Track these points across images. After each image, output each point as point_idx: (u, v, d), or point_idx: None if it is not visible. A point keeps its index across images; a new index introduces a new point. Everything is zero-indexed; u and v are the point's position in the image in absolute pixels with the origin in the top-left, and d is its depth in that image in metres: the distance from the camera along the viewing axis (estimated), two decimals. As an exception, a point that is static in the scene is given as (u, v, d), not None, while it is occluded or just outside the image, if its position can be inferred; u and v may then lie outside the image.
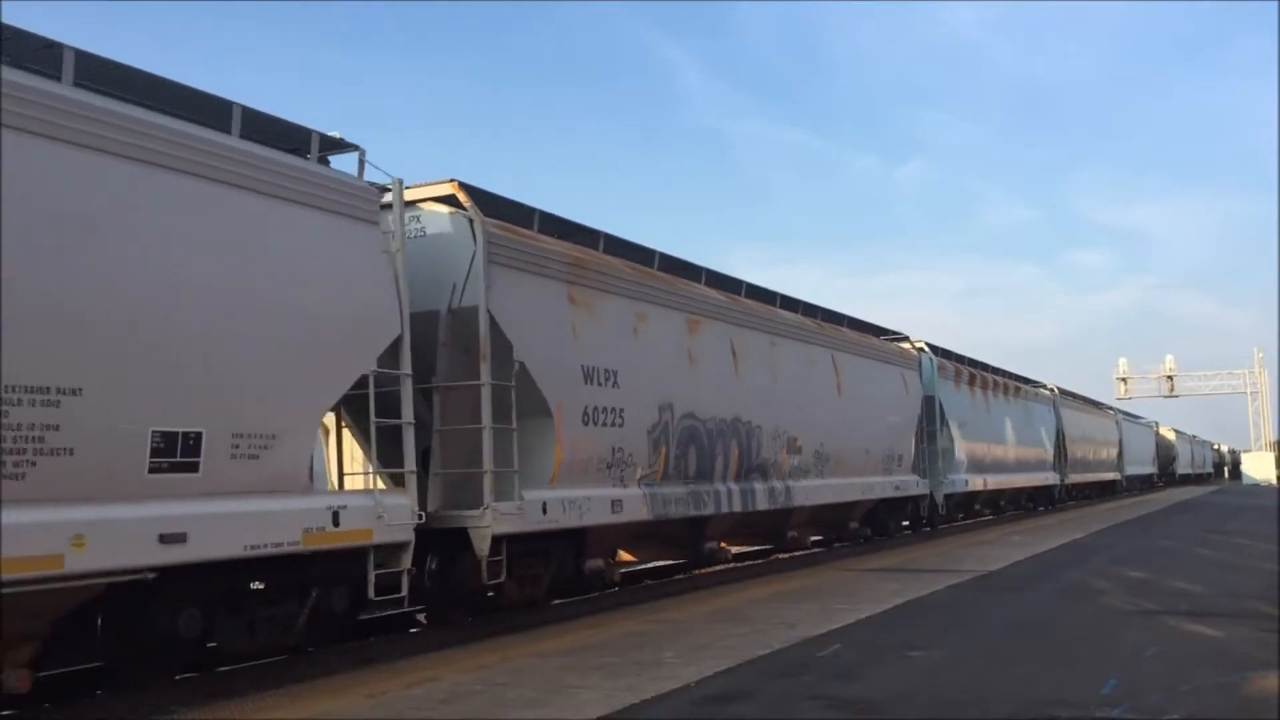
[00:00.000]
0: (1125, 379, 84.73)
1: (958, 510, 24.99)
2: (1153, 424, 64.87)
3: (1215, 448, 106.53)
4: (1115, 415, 48.93)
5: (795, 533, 17.04)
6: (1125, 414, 53.86)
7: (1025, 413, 30.26)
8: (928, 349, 22.93)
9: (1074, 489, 36.98)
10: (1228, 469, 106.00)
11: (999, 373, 29.14)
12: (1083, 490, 39.26)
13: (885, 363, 20.13)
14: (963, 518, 26.00)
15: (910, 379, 21.13)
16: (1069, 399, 37.87)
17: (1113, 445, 45.15)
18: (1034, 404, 31.75)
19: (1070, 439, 35.45)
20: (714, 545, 14.56)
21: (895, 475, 19.77)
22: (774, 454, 14.95)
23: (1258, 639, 8.17)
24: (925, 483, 21.34)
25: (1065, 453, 34.57)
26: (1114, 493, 45.61)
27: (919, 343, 22.79)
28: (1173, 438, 72.26)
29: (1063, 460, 34.26)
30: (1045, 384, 35.28)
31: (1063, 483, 34.39)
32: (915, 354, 22.18)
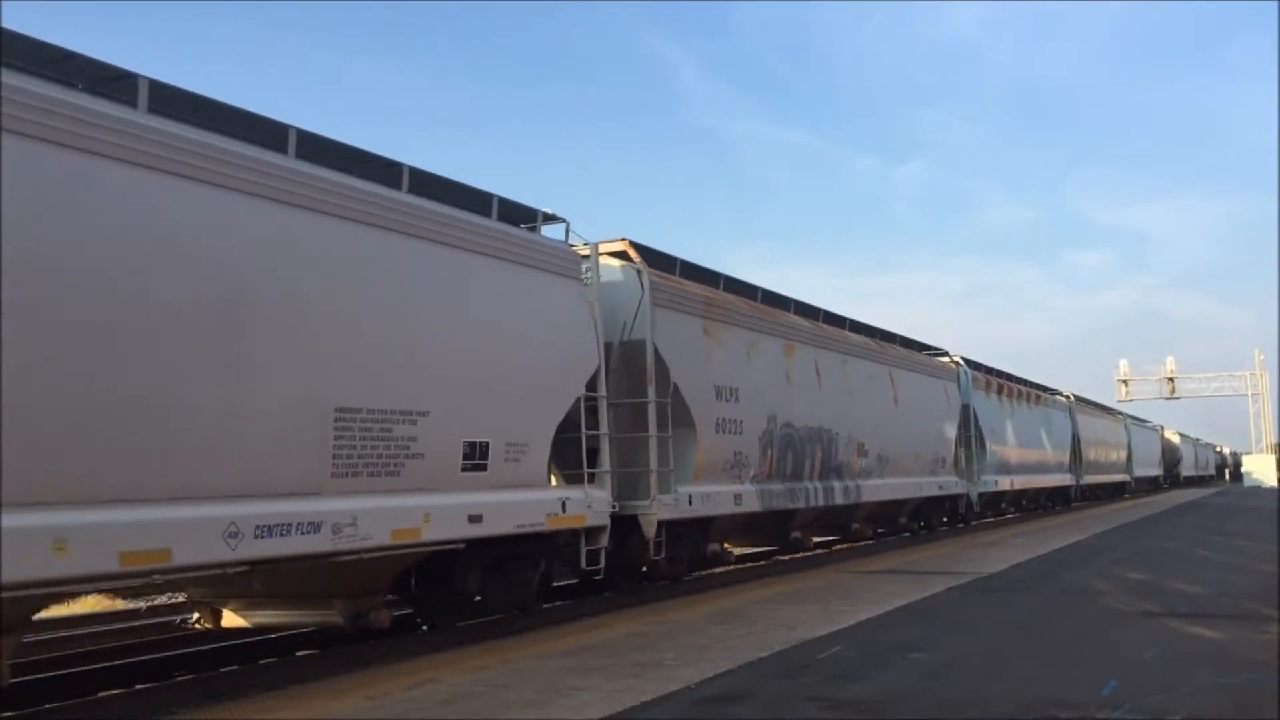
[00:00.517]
0: (1126, 381, 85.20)
1: (987, 509, 27.53)
2: (1158, 427, 66.53)
3: (1217, 450, 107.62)
4: (1124, 419, 51.14)
5: (858, 525, 19.63)
6: (1133, 418, 55.78)
7: (1045, 419, 32.77)
8: (963, 363, 25.50)
9: (1088, 490, 39.39)
10: (1229, 471, 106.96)
11: (1022, 382, 31.64)
12: (1095, 491, 41.57)
13: (931, 376, 22.71)
14: (990, 515, 28.51)
15: (950, 390, 23.71)
16: (1083, 405, 40.31)
17: (1122, 448, 47.39)
18: (1053, 410, 34.26)
19: (1085, 443, 37.88)
20: (797, 535, 17.13)
21: (939, 476, 22.32)
22: (847, 456, 17.50)
23: (1257, 640, 8.28)
24: (963, 483, 23.93)
25: (1081, 456, 37.05)
26: (1123, 494, 47.80)
27: (956, 357, 25.37)
28: (1177, 441, 74.01)
29: (1078, 463, 36.75)
30: (1061, 391, 37.78)
31: (1078, 483, 36.89)
32: (954, 367, 24.79)
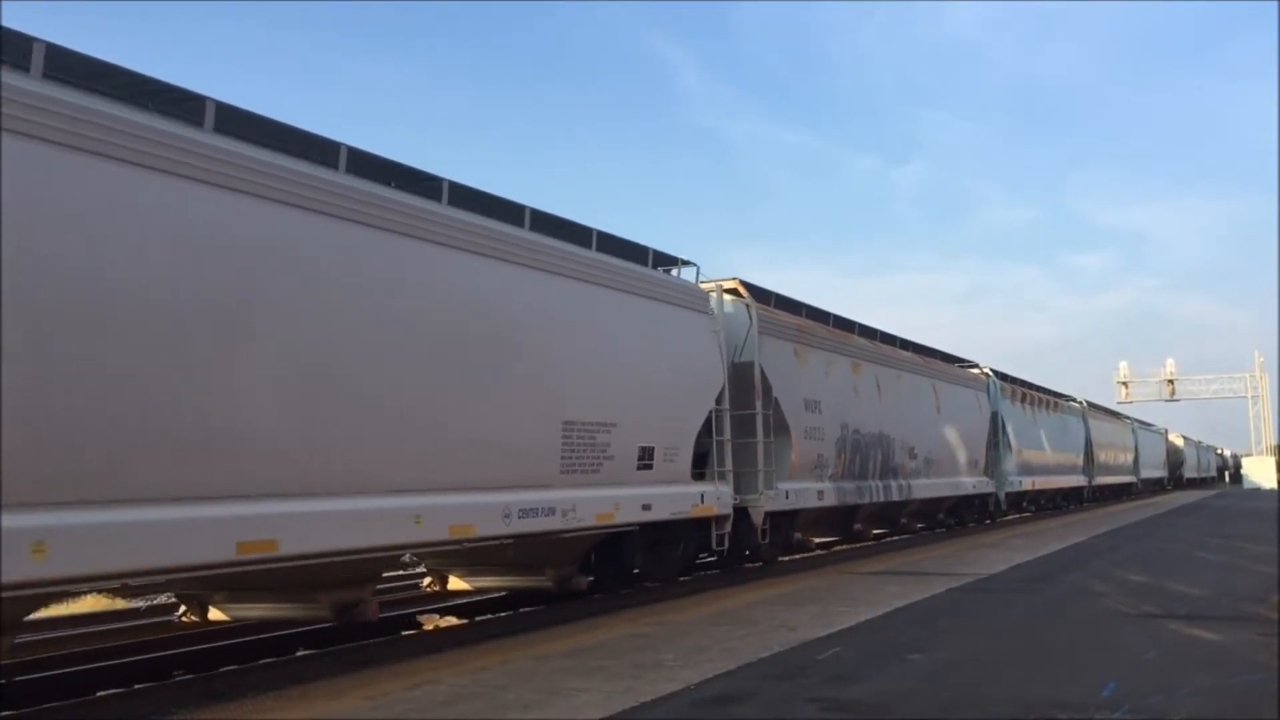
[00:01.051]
0: (1126, 383, 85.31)
1: (1011, 507, 30.05)
2: (1162, 431, 68.51)
3: (1218, 452, 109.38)
4: (1131, 423, 53.54)
5: (905, 520, 22.17)
6: (1139, 422, 58.02)
7: (1062, 424, 35.30)
8: (992, 374, 28.03)
9: (1099, 490, 41.96)
10: (1229, 473, 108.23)
11: (1042, 390, 34.14)
12: (1105, 491, 44.01)
13: (965, 386, 25.25)
14: (1013, 513, 31.02)
15: (981, 399, 26.26)
16: (1095, 410, 42.86)
17: (1129, 451, 49.86)
18: (1068, 416, 36.79)
19: (1097, 446, 40.44)
20: (859, 527, 19.65)
21: (973, 477, 24.87)
22: (901, 459, 20.02)
23: (1257, 641, 8.33)
24: (992, 483, 26.47)
25: (1093, 458, 39.60)
26: (1130, 494, 50.23)
27: (986, 369, 27.91)
28: (1181, 443, 76.03)
29: (1091, 465, 39.30)
30: (1075, 397, 40.28)
31: (1090, 484, 39.47)
32: (984, 378, 27.34)
